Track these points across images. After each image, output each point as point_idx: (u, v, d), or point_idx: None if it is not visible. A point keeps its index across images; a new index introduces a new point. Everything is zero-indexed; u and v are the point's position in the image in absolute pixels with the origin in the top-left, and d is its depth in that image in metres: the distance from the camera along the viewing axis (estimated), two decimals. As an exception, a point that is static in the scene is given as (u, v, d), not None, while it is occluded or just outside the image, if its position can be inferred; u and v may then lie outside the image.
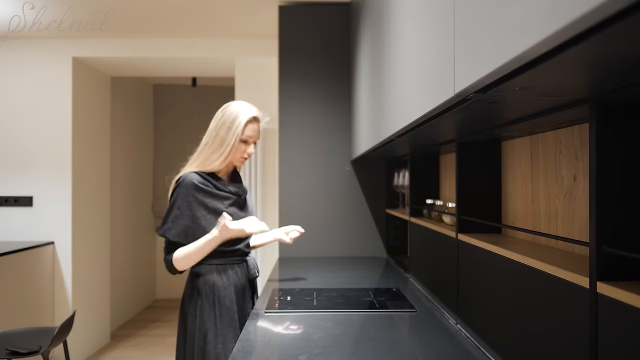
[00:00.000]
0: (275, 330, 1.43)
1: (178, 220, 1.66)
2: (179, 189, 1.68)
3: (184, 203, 1.66)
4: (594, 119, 0.74)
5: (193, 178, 1.68)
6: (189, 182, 1.67)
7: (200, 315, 1.65)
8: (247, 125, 1.72)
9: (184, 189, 1.67)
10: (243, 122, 1.70)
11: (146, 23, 3.24)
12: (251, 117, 1.72)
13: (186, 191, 1.66)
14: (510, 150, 1.35)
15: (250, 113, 1.72)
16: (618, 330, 0.70)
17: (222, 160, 1.71)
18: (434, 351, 1.25)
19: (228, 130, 1.70)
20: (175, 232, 1.66)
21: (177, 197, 1.68)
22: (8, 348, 2.25)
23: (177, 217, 1.66)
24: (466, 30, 0.70)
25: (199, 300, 1.67)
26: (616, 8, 0.36)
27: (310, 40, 2.81)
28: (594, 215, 0.74)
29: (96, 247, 3.98)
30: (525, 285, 1.00)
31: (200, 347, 1.62)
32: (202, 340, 1.63)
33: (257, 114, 1.75)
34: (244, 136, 1.72)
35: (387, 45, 1.46)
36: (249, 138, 1.73)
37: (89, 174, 3.86)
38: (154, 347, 4.07)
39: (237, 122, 1.70)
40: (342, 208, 2.81)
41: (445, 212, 1.68)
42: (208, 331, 1.63)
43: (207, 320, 1.65)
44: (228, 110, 1.74)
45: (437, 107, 0.86)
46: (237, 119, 1.70)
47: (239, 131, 1.70)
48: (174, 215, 1.67)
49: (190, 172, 1.71)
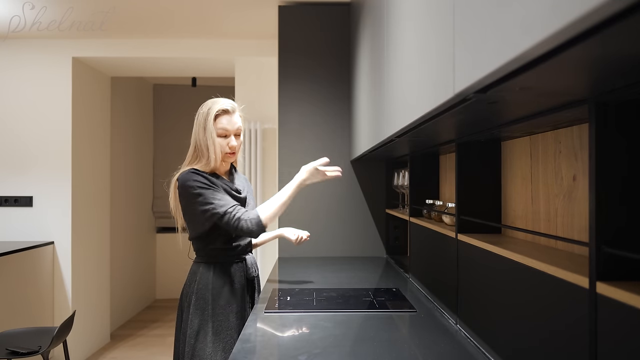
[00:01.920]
0: (275, 330, 1.43)
1: (216, 194, 1.63)
2: (188, 181, 1.64)
3: (205, 185, 1.63)
4: (593, 119, 0.74)
5: (192, 171, 1.67)
6: (192, 174, 1.65)
7: (194, 313, 1.65)
8: (217, 119, 1.70)
9: (192, 177, 1.64)
10: (212, 118, 1.69)
11: (146, 23, 3.24)
12: (220, 110, 1.70)
13: (196, 177, 1.64)
14: (510, 150, 1.35)
15: (218, 106, 1.70)
16: (618, 330, 0.70)
17: (215, 161, 1.70)
18: (434, 351, 1.25)
19: (205, 130, 1.69)
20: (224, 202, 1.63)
21: (194, 186, 1.63)
22: (8, 348, 2.25)
23: (213, 195, 1.63)
24: (466, 30, 0.70)
25: (193, 298, 1.67)
26: (616, 8, 0.36)
27: (310, 40, 2.81)
28: (593, 215, 0.74)
29: (96, 247, 3.98)
30: (525, 286, 1.00)
31: (191, 344, 1.63)
32: (193, 337, 1.63)
33: (227, 106, 1.72)
34: (220, 130, 1.70)
35: (387, 45, 1.46)
36: (225, 131, 1.70)
37: (89, 174, 3.86)
38: (153, 348, 4.07)
39: (209, 120, 1.69)
40: (342, 208, 2.80)
41: (445, 212, 1.68)
42: (200, 329, 1.64)
43: (201, 319, 1.65)
44: (201, 111, 1.73)
45: (436, 107, 0.86)
46: (208, 117, 1.69)
47: (212, 128, 1.68)
48: (211, 196, 1.63)
49: (188, 169, 1.70)
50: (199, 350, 1.61)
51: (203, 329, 1.64)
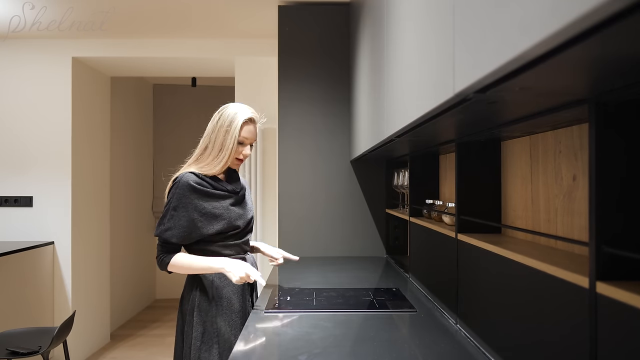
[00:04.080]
0: (275, 330, 1.43)
1: (175, 221, 1.66)
2: (176, 190, 1.67)
3: (181, 205, 1.66)
4: (593, 119, 0.74)
5: (190, 179, 1.68)
6: (185, 183, 1.67)
7: (198, 314, 1.65)
8: (244, 126, 1.73)
9: (180, 190, 1.66)
10: (240, 124, 1.71)
11: (146, 23, 3.24)
12: (247, 119, 1.74)
13: (182, 192, 1.66)
14: (510, 150, 1.35)
15: (246, 114, 1.74)
16: (618, 330, 0.70)
17: (224, 164, 1.72)
18: (434, 351, 1.25)
19: (226, 133, 1.71)
20: (171, 234, 1.66)
21: (172, 198, 1.67)
22: (8, 348, 2.25)
23: (173, 218, 1.66)
24: (466, 30, 0.70)
25: (196, 300, 1.67)
26: (616, 8, 0.36)
27: (310, 41, 2.81)
28: (593, 215, 0.74)
29: (96, 247, 3.98)
30: (525, 285, 1.00)
31: (197, 346, 1.62)
32: (199, 339, 1.63)
33: (253, 115, 1.76)
34: (241, 138, 1.73)
35: (387, 45, 1.46)
36: (246, 140, 1.74)
37: (89, 174, 3.86)
38: (153, 347, 4.07)
39: (234, 125, 1.71)
40: (342, 208, 2.81)
41: (445, 212, 1.68)
42: (205, 331, 1.63)
43: (205, 320, 1.64)
44: (225, 113, 1.74)
45: (436, 107, 0.86)
46: (234, 122, 1.71)
47: (236, 133, 1.71)
48: (170, 217, 1.67)
49: (188, 172, 1.70)
50: (205, 351, 1.61)
51: (207, 332, 1.63)
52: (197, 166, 1.73)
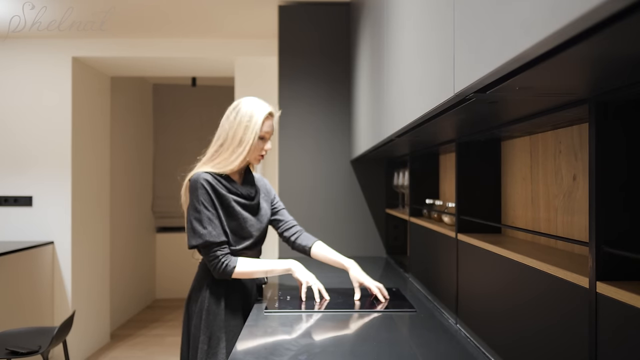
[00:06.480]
0: (275, 330, 1.43)
1: (212, 220, 1.61)
2: (195, 191, 1.62)
3: (207, 202, 1.61)
4: (593, 118, 0.74)
5: (206, 177, 1.63)
6: (201, 183, 1.62)
7: (206, 317, 1.62)
8: (265, 121, 1.70)
9: (200, 189, 1.62)
10: (261, 119, 1.68)
11: (146, 23, 3.24)
12: (267, 114, 1.71)
13: (203, 191, 1.62)
14: (510, 150, 1.35)
15: (266, 109, 1.71)
16: (618, 330, 0.70)
17: (242, 160, 1.67)
18: (434, 351, 1.25)
19: (246, 128, 1.67)
20: (217, 233, 1.61)
21: (195, 200, 1.61)
22: (8, 348, 2.24)
23: (209, 219, 1.61)
24: (466, 30, 0.70)
25: (205, 302, 1.64)
26: (616, 8, 0.36)
27: (310, 40, 2.81)
28: (593, 215, 0.74)
29: (96, 247, 3.98)
30: (525, 285, 1.00)
31: (204, 350, 1.60)
32: (206, 343, 1.60)
33: (272, 110, 1.74)
34: (262, 133, 1.69)
35: (387, 45, 1.46)
36: (267, 134, 1.71)
37: (89, 173, 3.86)
38: (153, 347, 4.07)
39: (255, 120, 1.67)
40: (342, 208, 2.80)
41: (445, 212, 1.68)
42: (213, 334, 1.62)
43: (213, 324, 1.62)
44: (243, 108, 1.70)
45: (437, 107, 0.86)
46: (254, 117, 1.67)
47: (257, 129, 1.67)
48: (207, 218, 1.61)
49: (203, 171, 1.65)
50: (212, 355, 1.59)
51: (215, 336, 1.61)
52: (212, 163, 1.67)
